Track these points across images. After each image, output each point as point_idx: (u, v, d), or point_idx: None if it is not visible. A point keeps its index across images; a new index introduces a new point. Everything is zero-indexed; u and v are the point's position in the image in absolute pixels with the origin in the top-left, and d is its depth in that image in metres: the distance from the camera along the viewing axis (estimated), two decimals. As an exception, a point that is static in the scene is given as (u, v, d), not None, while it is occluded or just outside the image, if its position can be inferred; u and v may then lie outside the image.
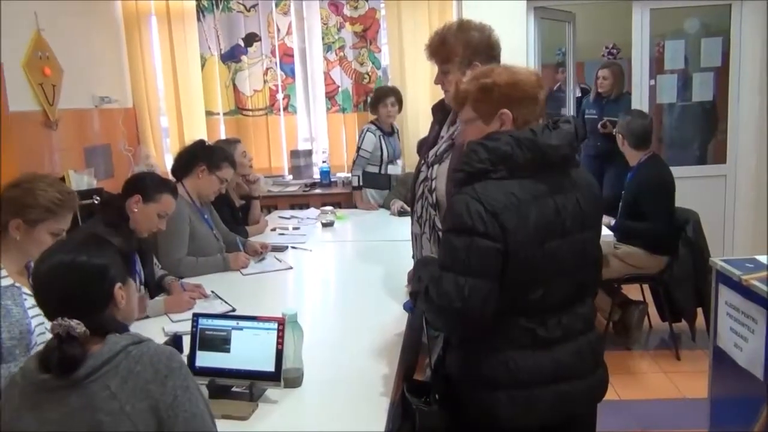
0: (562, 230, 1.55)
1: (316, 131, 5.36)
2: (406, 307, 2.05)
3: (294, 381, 1.78)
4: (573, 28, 5.28)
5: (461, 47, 2.06)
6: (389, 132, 4.52)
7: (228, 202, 3.57)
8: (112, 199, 2.75)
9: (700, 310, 3.71)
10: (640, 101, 4.98)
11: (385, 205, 4.31)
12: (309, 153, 5.25)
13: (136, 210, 2.48)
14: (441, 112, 2.22)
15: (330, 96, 5.16)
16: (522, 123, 1.57)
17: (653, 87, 5.05)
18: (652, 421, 3.09)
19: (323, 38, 5.10)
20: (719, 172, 5.06)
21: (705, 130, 5.59)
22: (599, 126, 5.06)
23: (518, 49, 4.54)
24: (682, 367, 3.61)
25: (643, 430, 3.01)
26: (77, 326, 1.25)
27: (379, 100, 4.47)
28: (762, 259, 2.33)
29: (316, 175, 5.12)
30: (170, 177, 3.11)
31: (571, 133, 1.59)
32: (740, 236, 4.97)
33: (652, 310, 4.06)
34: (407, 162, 4.71)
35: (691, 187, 4.79)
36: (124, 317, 1.39)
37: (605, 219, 3.78)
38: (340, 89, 5.11)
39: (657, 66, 5.19)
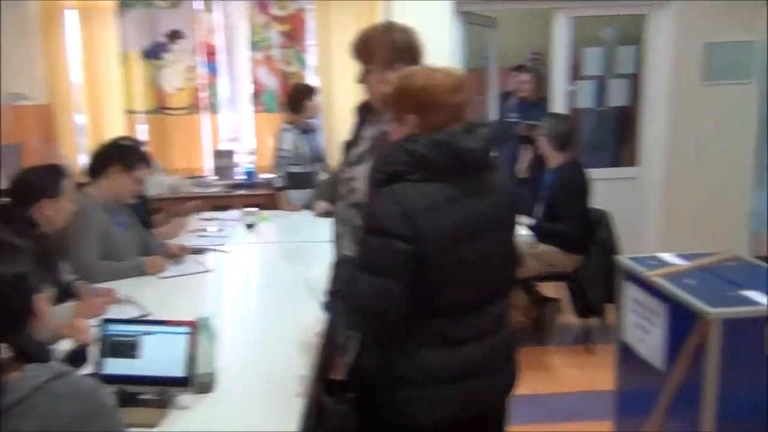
0: (477, 233, 1.59)
1: (241, 131, 5.30)
2: (325, 307, 2.06)
3: (206, 386, 1.76)
4: (495, 33, 5.42)
5: (384, 48, 2.08)
6: (307, 130, 4.52)
7: (144, 204, 3.48)
8: (18, 198, 2.61)
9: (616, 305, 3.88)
10: (559, 106, 5.16)
11: (310, 206, 4.31)
12: (231, 153, 5.18)
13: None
14: (364, 112, 2.24)
15: (256, 96, 5.12)
16: (431, 128, 1.59)
17: (571, 92, 5.25)
18: (564, 413, 3.21)
19: (250, 37, 5.05)
20: (632, 174, 5.30)
21: (619, 134, 5.85)
22: (520, 129, 5.21)
23: (444, 53, 4.62)
24: (593, 361, 3.76)
25: (555, 423, 3.13)
26: (3, 350, 1.10)
27: (304, 97, 4.46)
28: (664, 256, 2.47)
29: (242, 177, 5.06)
30: (85, 177, 3.01)
31: (487, 137, 1.63)
32: (651, 235, 5.22)
33: (568, 306, 4.22)
34: (332, 162, 4.72)
35: (606, 189, 4.98)
36: (41, 331, 1.29)
37: (525, 220, 3.90)
38: (266, 89, 5.07)
39: (576, 72, 5.39)
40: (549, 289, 4.26)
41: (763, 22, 4.41)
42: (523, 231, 3.80)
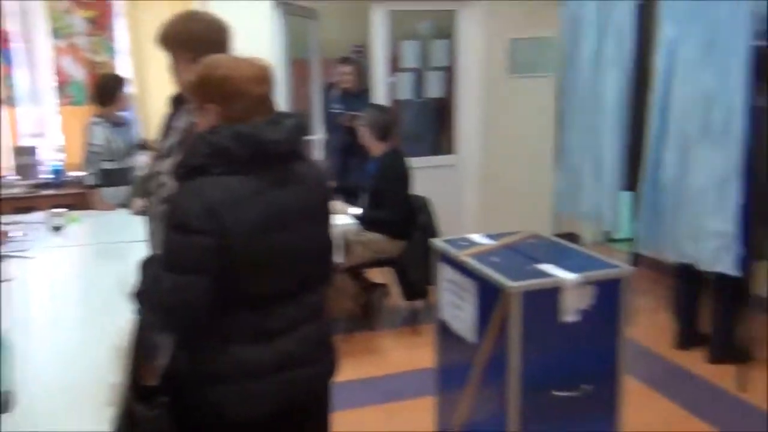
0: (286, 224, 1.58)
1: (46, 126, 4.85)
2: (136, 310, 1.96)
3: (4, 405, 1.60)
4: (315, 25, 5.44)
5: (183, 38, 2.03)
6: (119, 124, 4.25)
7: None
8: None
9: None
10: (380, 97, 5.31)
11: (126, 204, 4.05)
12: (34, 150, 4.73)
13: None
14: (177, 102, 2.15)
15: (61, 87, 4.71)
16: (234, 119, 1.56)
17: (392, 84, 5.42)
18: (393, 393, 3.34)
19: (51, 23, 4.63)
20: (450, 162, 5.60)
21: (438, 124, 6.16)
22: (344, 120, 5.30)
23: (265, 44, 4.56)
24: (420, 341, 3.94)
25: (385, 404, 3.24)
26: None
27: (113, 88, 4.17)
28: (474, 237, 2.63)
29: (48, 175, 4.64)
30: None
31: (293, 128, 1.62)
32: (469, 218, 5.56)
33: (396, 291, 4.38)
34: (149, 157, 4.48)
35: (427, 176, 5.22)
36: None
37: (351, 209, 3.98)
38: (72, 80, 4.68)
39: (395, 64, 5.58)
40: (377, 275, 4.38)
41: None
42: (349, 220, 3.87)
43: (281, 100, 4.83)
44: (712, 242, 3.25)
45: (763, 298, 3.98)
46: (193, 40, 2.01)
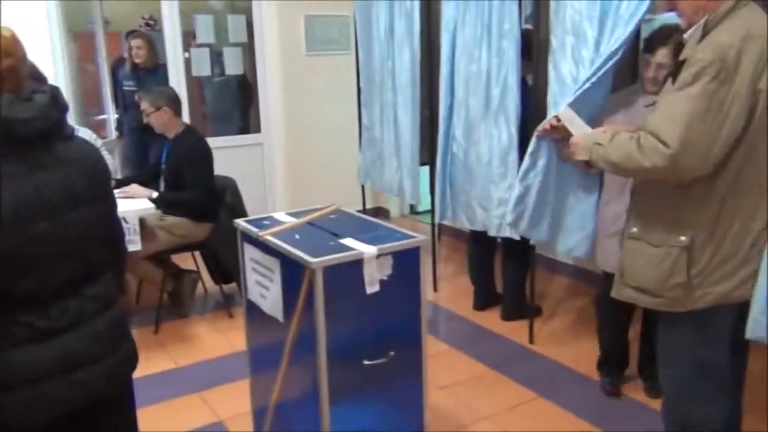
0: (49, 210, 1.43)
1: None
2: None
3: None
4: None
5: None
6: None
7: None
8: None
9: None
10: (176, 74, 5.07)
11: None
12: None
13: None
14: None
15: None
16: None
17: (188, 60, 5.19)
18: (209, 380, 3.27)
19: None
20: (256, 140, 5.53)
21: (242, 102, 6.03)
22: (136, 98, 4.98)
23: (36, 15, 4.12)
24: (234, 324, 3.89)
25: (200, 392, 3.16)
26: None
27: None
28: (277, 215, 2.62)
29: None
30: None
31: (45, 105, 1.45)
32: (278, 198, 5.56)
33: (206, 275, 4.26)
34: None
35: (234, 156, 5.14)
36: None
37: (146, 192, 3.77)
38: None
39: (190, 39, 5.34)
40: (185, 261, 4.23)
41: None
42: (147, 204, 3.67)
43: (62, 76, 4.42)
44: (498, 210, 3.57)
45: (547, 258, 4.47)
46: None
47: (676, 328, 2.04)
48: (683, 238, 1.90)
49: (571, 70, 3.03)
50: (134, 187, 3.82)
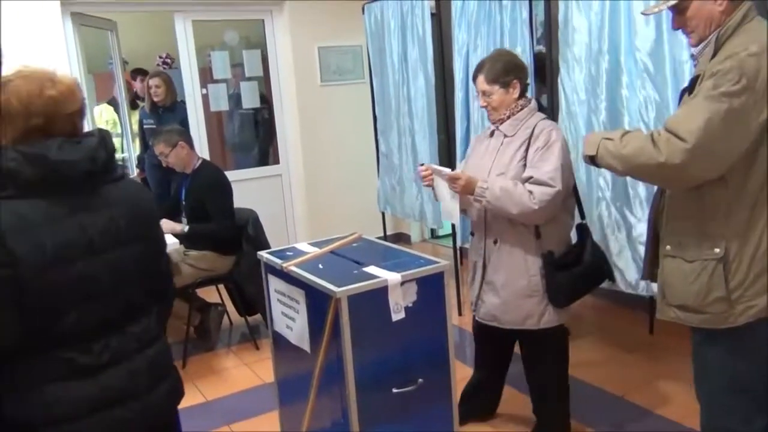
0: (91, 250, 1.47)
1: None
2: None
3: None
4: (116, 36, 5.15)
5: None
6: None
7: None
8: None
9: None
10: (195, 110, 5.15)
11: None
12: None
13: None
14: None
15: None
16: (10, 140, 1.42)
17: (205, 96, 5.28)
18: (237, 413, 3.26)
19: None
20: (276, 172, 5.58)
21: (262, 135, 6.11)
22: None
23: (57, 56, 4.22)
24: (261, 355, 3.89)
25: (229, 425, 3.16)
26: None
27: None
28: (299, 246, 2.64)
29: None
30: None
31: (92, 148, 1.50)
32: (298, 227, 5.59)
33: (231, 308, 4.28)
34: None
35: (254, 188, 5.20)
36: None
37: (177, 226, 3.81)
38: None
39: (207, 75, 5.44)
40: (211, 294, 4.26)
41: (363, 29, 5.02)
42: (171, 239, 3.71)
43: (87, 117, 4.51)
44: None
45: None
46: None
47: (712, 344, 1.99)
48: (717, 249, 1.86)
49: (577, 91, 3.05)
50: (164, 222, 3.86)
